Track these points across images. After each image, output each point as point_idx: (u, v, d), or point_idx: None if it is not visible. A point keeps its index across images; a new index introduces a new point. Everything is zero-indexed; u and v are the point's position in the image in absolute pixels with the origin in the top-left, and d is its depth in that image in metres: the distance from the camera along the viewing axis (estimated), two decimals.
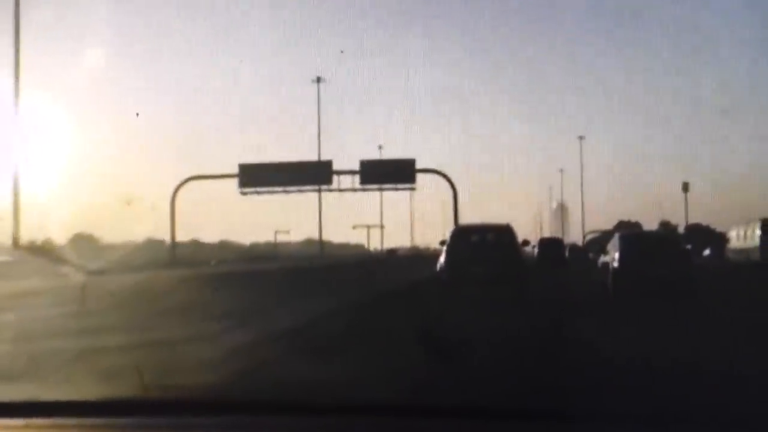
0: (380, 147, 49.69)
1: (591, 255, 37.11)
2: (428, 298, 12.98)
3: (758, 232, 24.69)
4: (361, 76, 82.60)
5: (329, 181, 44.53)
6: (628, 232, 25.64)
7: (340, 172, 44.75)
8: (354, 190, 45.13)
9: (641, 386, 4.33)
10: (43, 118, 38.78)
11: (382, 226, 63.35)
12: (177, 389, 2.77)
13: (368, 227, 63.34)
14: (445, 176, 45.59)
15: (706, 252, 35.71)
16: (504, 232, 14.12)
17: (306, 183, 44.11)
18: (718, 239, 32.54)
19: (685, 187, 52.99)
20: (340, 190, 45.09)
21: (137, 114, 65.69)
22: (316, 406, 2.17)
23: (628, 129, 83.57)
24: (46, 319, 9.24)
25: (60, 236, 35.10)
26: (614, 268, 13.83)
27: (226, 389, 3.72)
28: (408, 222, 70.84)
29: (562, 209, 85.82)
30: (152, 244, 45.98)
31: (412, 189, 45.66)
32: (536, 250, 31.93)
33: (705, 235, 42.95)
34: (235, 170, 44.20)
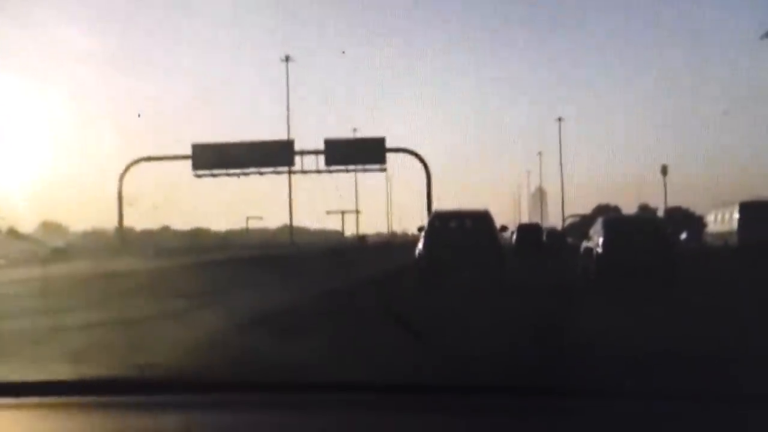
0: (354, 130, 48.42)
1: (570, 240, 38.47)
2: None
3: (736, 215, 24.83)
4: (332, 56, 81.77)
5: (291, 162, 43.53)
6: (612, 216, 26.21)
7: (303, 153, 43.79)
8: (318, 171, 44.26)
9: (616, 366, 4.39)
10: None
11: (357, 212, 63.20)
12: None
13: (343, 213, 63.31)
14: (417, 155, 45.05)
15: (683, 236, 36.09)
16: (482, 219, 14.67)
17: (266, 164, 43.05)
18: (697, 222, 32.99)
19: (664, 170, 54.27)
20: (303, 172, 44.23)
21: (138, 115, 63.20)
22: (293, 384, 2.30)
23: (606, 112, 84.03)
24: None
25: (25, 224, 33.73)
26: (597, 254, 14.19)
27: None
28: (385, 207, 70.74)
29: (540, 194, 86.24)
30: (121, 232, 46.24)
31: (383, 170, 45.09)
32: (515, 236, 32.80)
33: (685, 219, 43.77)
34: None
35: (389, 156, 44.16)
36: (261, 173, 43.97)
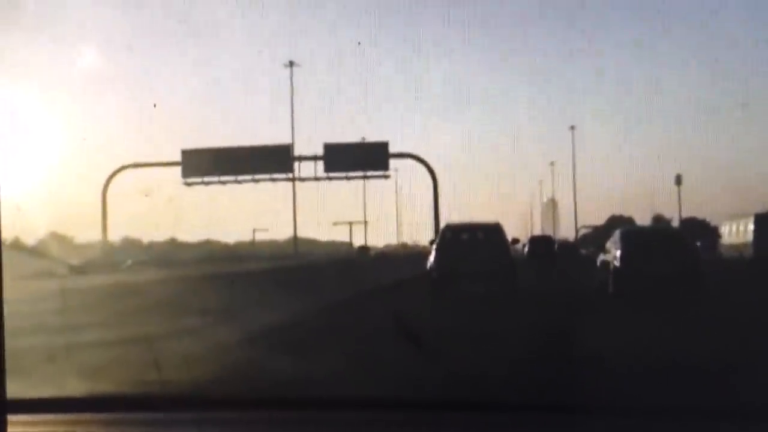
0: (363, 139, 47.49)
1: (584, 252, 39.43)
2: None
3: (751, 227, 25.85)
4: (337, 61, 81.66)
5: (288, 169, 42.59)
6: (630, 227, 27.40)
7: (301, 158, 42.89)
8: (317, 179, 43.42)
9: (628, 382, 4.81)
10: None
11: (365, 222, 62.16)
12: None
13: (350, 224, 62.35)
14: (422, 161, 44.18)
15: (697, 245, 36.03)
16: (493, 231, 15.34)
17: (261, 171, 42.30)
18: (712, 233, 33.90)
19: (678, 180, 53.80)
20: (301, 179, 43.10)
21: (155, 105, 62.61)
22: (300, 401, 2.64)
23: (619, 121, 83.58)
24: None
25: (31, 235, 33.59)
26: (616, 267, 14.23)
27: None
28: (394, 217, 69.54)
29: (552, 205, 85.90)
30: (129, 243, 46.91)
31: (386, 177, 43.97)
32: (526, 248, 34.03)
33: (701, 229, 44.08)
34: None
35: (394, 163, 43.23)
36: (256, 180, 43.06)
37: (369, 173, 43.91)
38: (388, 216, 79.54)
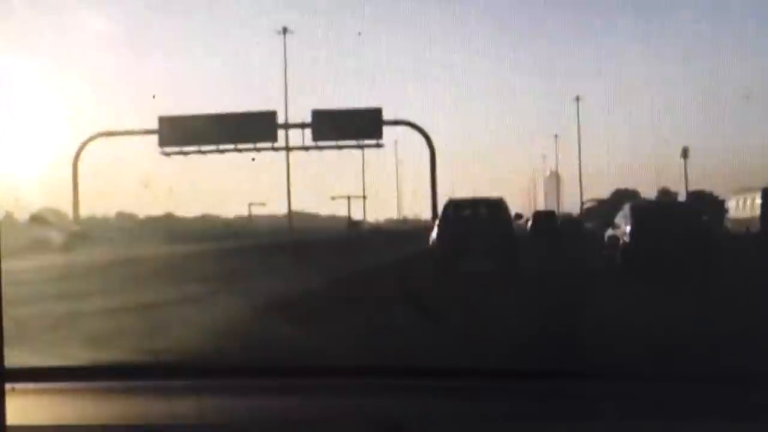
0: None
1: (590, 225, 39.83)
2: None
3: (759, 201, 26.20)
4: (331, 28, 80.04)
5: (273, 137, 41.06)
6: (640, 202, 27.42)
7: (287, 126, 41.39)
8: (306, 148, 42.13)
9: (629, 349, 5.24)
10: None
11: (364, 197, 60.43)
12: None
13: (349, 198, 61.15)
14: (418, 129, 42.81)
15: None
16: (496, 206, 15.78)
17: (244, 139, 40.79)
18: (720, 207, 34.28)
19: (685, 153, 52.83)
20: (287, 149, 41.76)
21: (153, 96, 61.18)
22: (302, 369, 2.88)
23: (623, 93, 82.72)
24: None
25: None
26: (625, 243, 14.31)
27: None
28: (395, 190, 68.57)
29: (556, 178, 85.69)
30: (125, 218, 47.33)
31: (379, 146, 42.48)
32: (530, 224, 34.41)
33: (710, 204, 43.90)
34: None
35: (393, 133, 41.86)
36: (239, 150, 41.61)
37: (361, 142, 42.38)
38: (388, 189, 78.21)
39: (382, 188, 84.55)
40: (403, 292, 11.16)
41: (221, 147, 41.48)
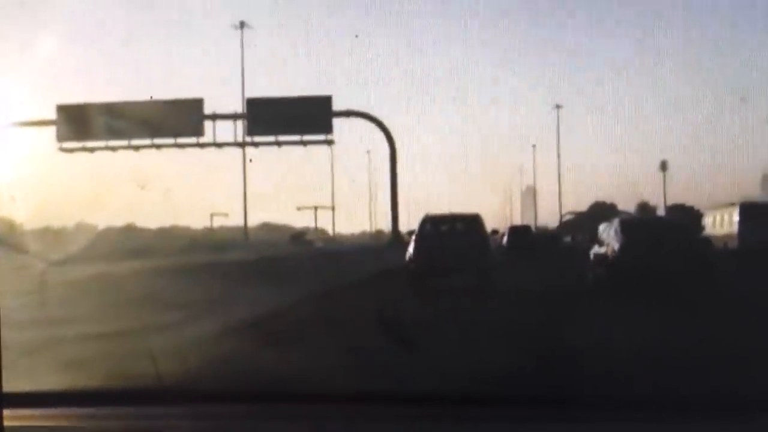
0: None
1: (568, 239, 43.30)
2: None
3: (736, 217, 27.48)
4: (293, 21, 78.29)
5: (198, 131, 37.09)
6: (631, 217, 29.68)
7: (215, 117, 37.59)
8: (239, 144, 38.20)
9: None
10: None
11: (332, 208, 60.41)
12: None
13: (315, 208, 60.88)
14: (376, 121, 39.11)
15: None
16: (472, 222, 16.88)
17: (163, 133, 36.99)
18: (700, 221, 36.41)
19: (663, 166, 57.10)
20: (216, 145, 37.72)
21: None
22: (283, 395, 3.23)
23: (600, 104, 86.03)
24: None
25: None
26: (613, 261, 14.71)
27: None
28: (367, 200, 66.86)
29: (532, 192, 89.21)
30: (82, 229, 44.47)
31: (328, 142, 38.66)
32: (505, 239, 36.68)
33: (689, 218, 47.06)
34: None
35: (357, 131, 38.49)
36: (157, 146, 37.56)
37: (307, 137, 38.58)
38: (361, 199, 75.44)
39: (355, 198, 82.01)
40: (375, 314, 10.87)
41: (134, 142, 37.40)
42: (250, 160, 41.41)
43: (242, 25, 42.83)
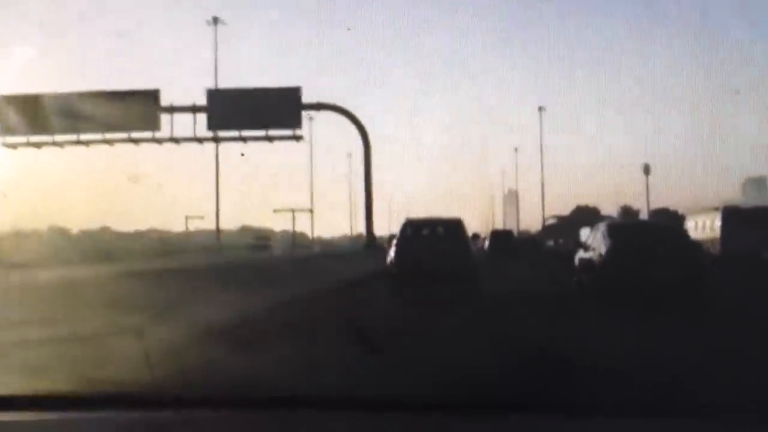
0: (310, 118, 41.15)
1: (551, 243, 45.52)
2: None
3: (719, 222, 28.11)
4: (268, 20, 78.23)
5: (154, 125, 35.00)
6: (617, 221, 31.38)
7: (172, 110, 35.53)
8: (198, 140, 36.14)
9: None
10: None
11: (311, 210, 60.44)
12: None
13: (293, 211, 60.62)
14: (348, 114, 37.02)
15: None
16: (454, 226, 17.17)
17: (116, 127, 34.74)
18: (681, 225, 38.10)
19: (647, 170, 57.74)
20: (173, 140, 35.67)
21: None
22: (251, 400, 3.28)
23: (583, 109, 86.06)
24: None
25: None
26: (600, 266, 14.70)
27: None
28: (347, 202, 66.86)
29: (514, 197, 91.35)
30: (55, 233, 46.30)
31: (296, 138, 36.57)
32: (488, 243, 37.26)
33: (673, 222, 48.45)
34: None
35: (322, 126, 36.47)
36: (108, 141, 35.47)
37: (273, 132, 36.51)
38: (340, 200, 74.82)
39: (335, 200, 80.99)
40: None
41: (82, 137, 35.28)
42: (242, 154, 40.11)
43: (216, 21, 41.55)
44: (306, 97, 37.21)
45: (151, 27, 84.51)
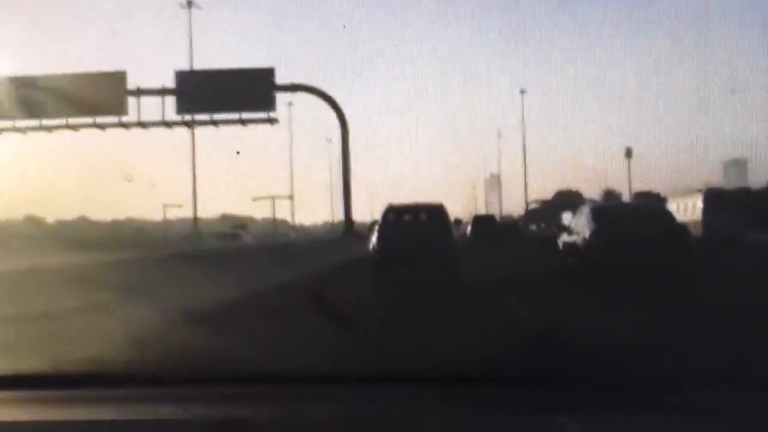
0: (290, 104, 40.02)
1: (534, 228, 46.37)
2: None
3: (700, 204, 28.14)
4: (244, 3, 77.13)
5: (120, 109, 33.73)
6: (602, 204, 29.56)
7: (140, 93, 34.19)
8: (166, 124, 34.86)
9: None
10: None
11: (291, 197, 60.98)
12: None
13: (273, 198, 61.42)
14: (324, 95, 36.07)
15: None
16: (436, 212, 17.35)
17: (80, 112, 33.26)
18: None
19: (628, 153, 58.15)
20: (141, 125, 34.41)
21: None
22: (223, 377, 3.34)
23: (564, 91, 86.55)
24: None
25: None
26: (585, 250, 14.66)
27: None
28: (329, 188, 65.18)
29: (497, 181, 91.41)
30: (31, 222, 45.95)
31: (271, 121, 35.48)
32: (470, 228, 37.60)
33: (655, 204, 48.79)
34: None
35: (300, 109, 35.56)
36: (71, 127, 34.18)
37: (246, 115, 35.39)
38: (321, 187, 74.09)
39: (315, 187, 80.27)
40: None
41: (45, 122, 33.97)
42: (237, 153, 39.56)
43: (190, 4, 40.70)
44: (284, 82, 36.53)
45: (123, 10, 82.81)
